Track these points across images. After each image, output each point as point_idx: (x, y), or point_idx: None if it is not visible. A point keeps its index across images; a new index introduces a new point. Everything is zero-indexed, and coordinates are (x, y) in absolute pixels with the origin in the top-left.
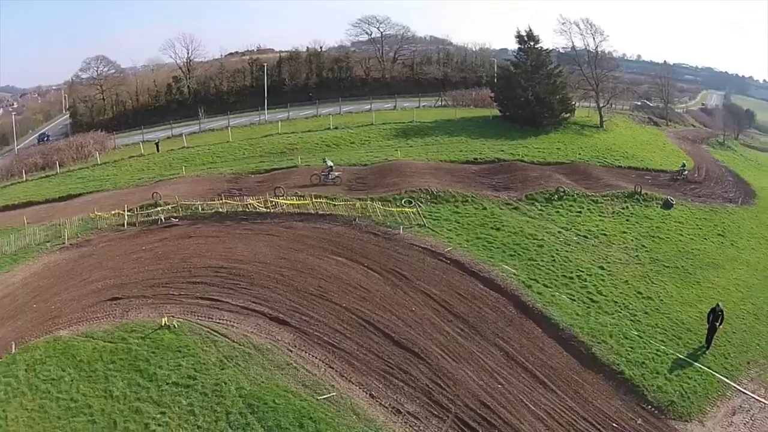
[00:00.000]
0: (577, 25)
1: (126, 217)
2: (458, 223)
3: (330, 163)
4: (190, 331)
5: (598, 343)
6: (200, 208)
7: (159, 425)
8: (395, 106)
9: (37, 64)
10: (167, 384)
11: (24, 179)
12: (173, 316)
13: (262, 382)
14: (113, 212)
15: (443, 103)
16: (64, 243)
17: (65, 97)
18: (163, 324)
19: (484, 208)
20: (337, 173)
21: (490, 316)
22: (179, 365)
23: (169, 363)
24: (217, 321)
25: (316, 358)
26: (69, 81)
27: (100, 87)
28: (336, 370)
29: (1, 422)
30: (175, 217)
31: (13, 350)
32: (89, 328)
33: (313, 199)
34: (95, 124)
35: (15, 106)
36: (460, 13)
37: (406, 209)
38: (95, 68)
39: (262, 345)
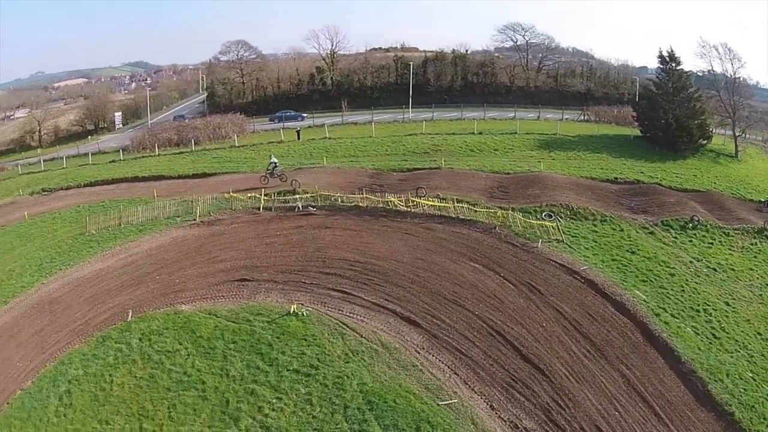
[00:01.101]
0: (716, 50)
1: (262, 201)
2: (595, 242)
3: (274, 160)
4: (318, 321)
5: (715, 381)
6: (339, 200)
7: (273, 410)
8: (539, 117)
9: (172, 42)
10: (288, 371)
11: (156, 153)
12: (302, 304)
13: (385, 380)
14: (249, 195)
15: (585, 118)
16: (194, 219)
17: (203, 77)
18: (291, 311)
19: (621, 230)
20: (280, 168)
21: (616, 341)
22: (303, 353)
23: (293, 350)
24: (348, 314)
25: (442, 362)
26: (207, 62)
27: (240, 70)
28: (460, 377)
29: (106, 386)
30: (314, 206)
31: (130, 318)
32: (213, 305)
33: (455, 203)
34: (233, 106)
35: (149, 81)
36: (603, 29)
37: (546, 223)
38: (235, 52)
39: (390, 343)
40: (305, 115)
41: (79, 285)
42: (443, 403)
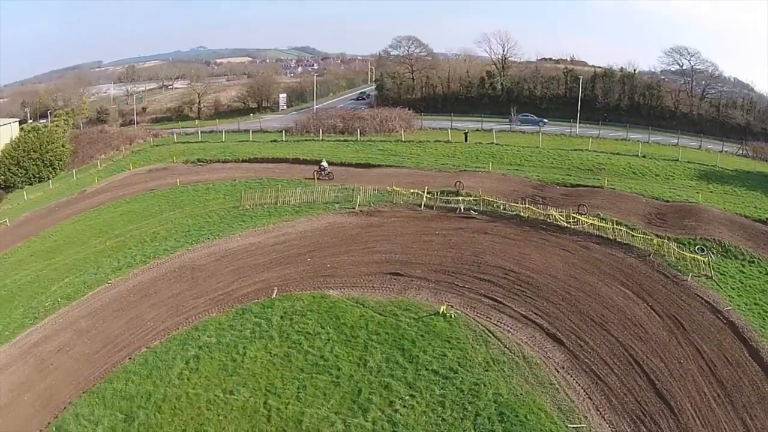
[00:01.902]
0: None
1: (425, 198)
2: (741, 283)
3: (325, 164)
4: (465, 325)
5: None
6: (501, 207)
7: (404, 406)
8: (700, 146)
9: (341, 32)
10: (426, 370)
11: (320, 138)
12: (451, 306)
13: (520, 394)
14: (412, 191)
15: (744, 153)
16: (354, 208)
17: (371, 69)
18: (440, 311)
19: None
20: (329, 170)
21: (745, 389)
22: (444, 355)
23: (435, 350)
24: (495, 322)
25: (578, 384)
26: (376, 54)
27: (410, 66)
28: (594, 402)
29: (238, 357)
30: (476, 210)
31: (274, 295)
32: (362, 295)
33: (614, 225)
34: (401, 101)
35: (315, 67)
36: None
37: (698, 257)
38: (406, 47)
39: (532, 358)
40: (546, 120)
41: (226, 256)
42: (573, 426)
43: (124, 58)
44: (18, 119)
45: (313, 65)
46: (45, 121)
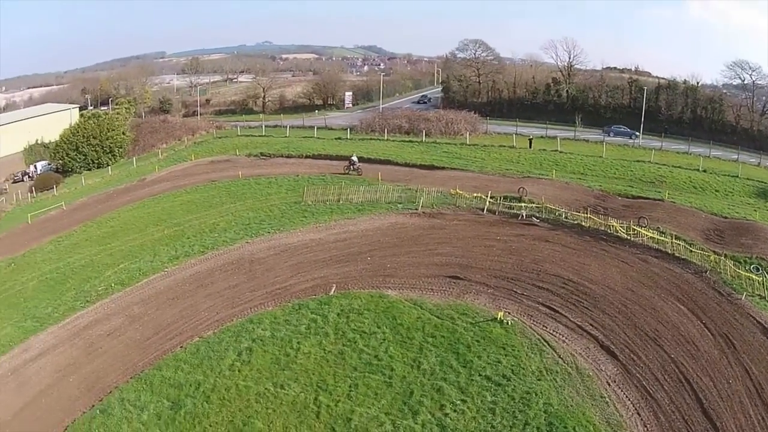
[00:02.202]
0: None
1: (488, 203)
2: None
3: (355, 159)
4: (521, 332)
5: None
6: (563, 216)
7: (454, 411)
8: (759, 163)
9: (408, 32)
10: (480, 376)
11: (385, 138)
12: (509, 313)
13: (571, 405)
14: (475, 194)
15: None
16: (416, 209)
17: (438, 70)
18: (497, 317)
19: None
20: (359, 165)
21: None
22: (498, 362)
23: (489, 357)
24: (551, 332)
25: (628, 399)
26: (443, 56)
27: (476, 70)
28: (642, 418)
29: (291, 352)
30: (537, 218)
31: (332, 292)
32: (420, 296)
33: (673, 240)
34: (467, 104)
35: (381, 66)
36: None
37: (753, 276)
38: (473, 50)
39: (585, 370)
40: (637, 133)
41: (286, 251)
42: None
43: (187, 49)
44: (78, 105)
45: (379, 65)
46: (106, 108)
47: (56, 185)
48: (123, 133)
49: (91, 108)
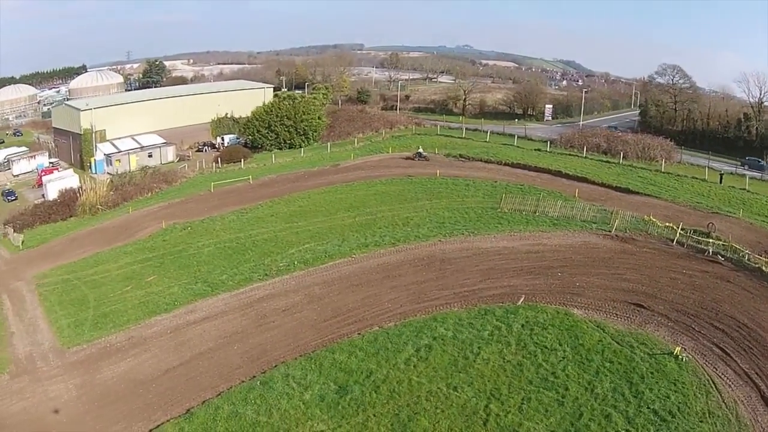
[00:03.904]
0: None
1: (678, 234)
2: None
3: (421, 150)
4: (692, 371)
5: None
6: (746, 258)
7: None
8: None
9: (607, 51)
10: (647, 408)
11: (583, 155)
12: (684, 349)
13: None
14: (666, 224)
15: None
16: (609, 231)
17: (636, 93)
18: (674, 352)
19: None
20: (425, 154)
21: None
22: (667, 397)
23: (660, 391)
24: (720, 374)
25: None
26: (640, 78)
27: (672, 96)
28: None
29: (470, 356)
30: (723, 256)
31: (520, 302)
32: (604, 320)
33: None
34: (663, 131)
35: (579, 83)
36: None
37: None
38: (670, 76)
39: (743, 418)
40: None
41: (478, 254)
42: None
43: (386, 44)
44: (272, 86)
45: (577, 80)
46: (300, 92)
47: (243, 159)
48: (319, 118)
49: (285, 89)
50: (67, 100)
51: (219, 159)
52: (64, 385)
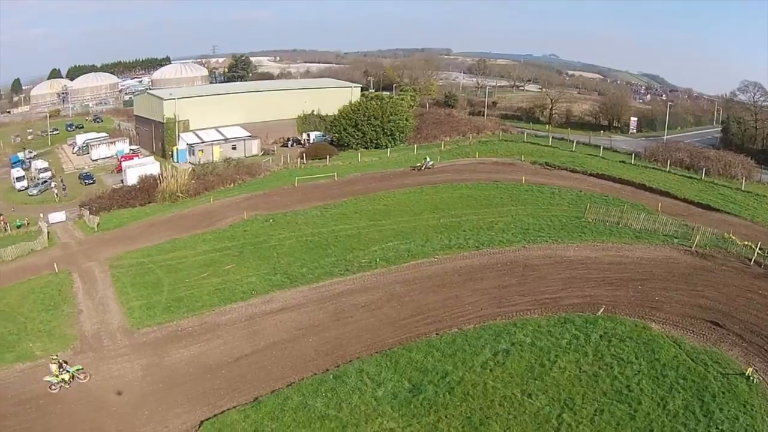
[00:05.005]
0: None
1: (755, 254)
2: None
3: (428, 158)
4: (762, 393)
5: None
6: None
7: None
8: None
9: (690, 66)
10: (717, 429)
11: (667, 169)
12: (756, 371)
13: None
14: (745, 242)
15: None
16: (690, 247)
17: (718, 109)
18: (746, 373)
19: None
20: (430, 163)
21: None
22: (736, 418)
23: (729, 411)
24: None
25: None
26: (722, 95)
27: (754, 114)
28: None
29: (547, 363)
30: None
31: (599, 313)
32: (681, 336)
33: None
34: (744, 148)
35: (663, 97)
36: None
37: None
38: (752, 93)
39: None
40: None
41: (561, 263)
42: None
43: (473, 50)
44: (359, 85)
45: (661, 95)
46: (388, 93)
47: (329, 156)
48: (406, 119)
49: (372, 90)
50: (150, 89)
51: (304, 155)
52: (130, 364)
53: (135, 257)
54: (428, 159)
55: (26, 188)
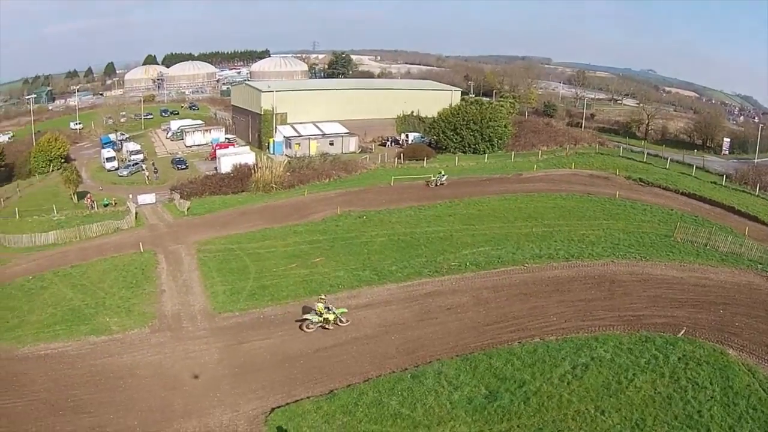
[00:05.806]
0: None
1: None
2: None
3: (441, 172)
4: None
5: None
6: None
7: None
8: None
9: None
10: None
11: (756, 193)
12: None
13: None
14: None
15: None
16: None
17: None
18: None
19: None
20: (444, 178)
21: None
22: None
23: None
24: None
25: None
26: None
27: None
28: None
29: (624, 381)
30: None
31: (680, 334)
32: (756, 364)
33: None
34: None
35: (756, 120)
36: None
37: None
38: None
39: None
40: None
41: (647, 280)
42: None
43: (572, 61)
44: (460, 89)
45: (754, 117)
46: (488, 99)
47: (426, 158)
48: (505, 126)
49: (472, 95)
50: (248, 81)
51: (402, 155)
52: (207, 347)
53: (223, 243)
54: (443, 173)
55: (116, 169)
